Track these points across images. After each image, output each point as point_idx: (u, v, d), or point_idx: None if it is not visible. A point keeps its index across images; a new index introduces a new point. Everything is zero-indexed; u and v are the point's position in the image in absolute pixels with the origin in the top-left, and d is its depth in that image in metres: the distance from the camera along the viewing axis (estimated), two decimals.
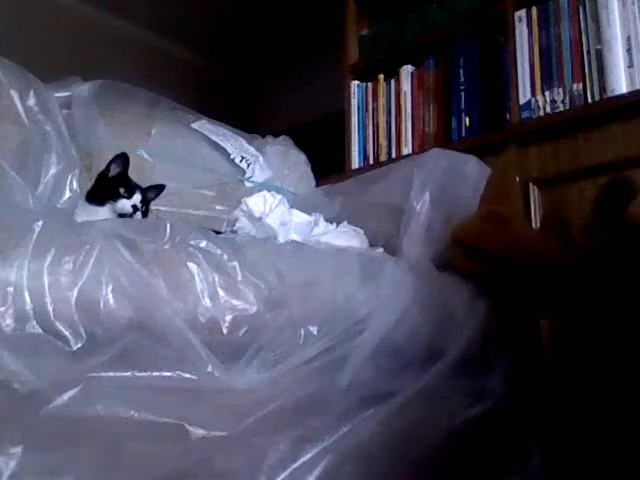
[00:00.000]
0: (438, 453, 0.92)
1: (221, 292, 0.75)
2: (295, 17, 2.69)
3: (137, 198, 1.14)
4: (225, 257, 0.78)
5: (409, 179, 1.18)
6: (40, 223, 0.67)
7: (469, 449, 0.97)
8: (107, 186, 1.13)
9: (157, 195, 1.23)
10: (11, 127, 0.98)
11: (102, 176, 1.15)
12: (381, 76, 1.95)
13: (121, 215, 1.11)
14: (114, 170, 1.15)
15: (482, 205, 1.04)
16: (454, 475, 0.95)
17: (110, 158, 1.16)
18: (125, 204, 1.12)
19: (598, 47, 1.47)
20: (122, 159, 1.15)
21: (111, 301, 0.67)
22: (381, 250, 1.20)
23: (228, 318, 0.74)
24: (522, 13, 1.62)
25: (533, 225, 1.35)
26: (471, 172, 1.14)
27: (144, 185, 1.19)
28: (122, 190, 1.12)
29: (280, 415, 0.74)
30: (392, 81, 1.93)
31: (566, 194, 1.37)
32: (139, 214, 1.14)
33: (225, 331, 0.74)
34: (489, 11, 1.70)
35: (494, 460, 0.98)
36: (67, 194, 1.00)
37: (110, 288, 0.67)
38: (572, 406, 0.97)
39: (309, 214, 1.36)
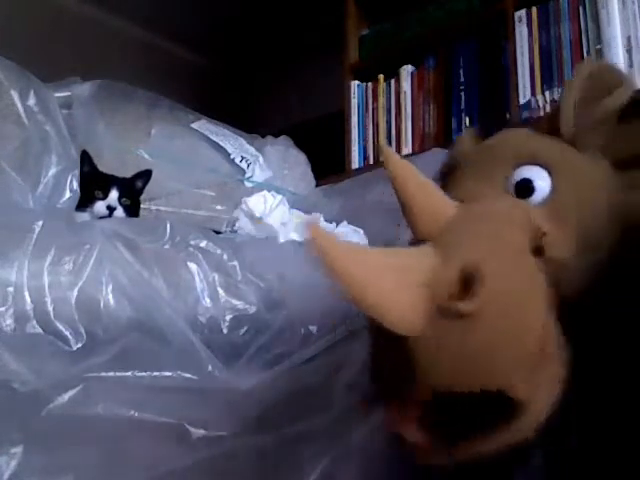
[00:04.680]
0: None
1: (221, 292, 0.75)
2: (295, 17, 2.69)
3: (113, 196, 1.08)
4: (225, 257, 0.78)
5: None
6: (40, 223, 0.67)
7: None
8: (86, 190, 1.08)
9: (145, 183, 1.17)
10: (11, 127, 0.98)
11: (81, 182, 1.09)
12: (381, 76, 1.94)
13: (102, 218, 1.05)
14: (86, 169, 1.10)
15: None
16: (454, 475, 0.95)
17: (110, 158, 1.15)
18: (100, 207, 1.06)
19: (598, 47, 1.47)
20: (84, 156, 1.10)
21: (111, 301, 0.67)
22: None
23: (228, 318, 0.75)
24: (522, 13, 1.62)
25: None
26: None
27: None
28: (97, 192, 1.07)
29: (280, 415, 0.74)
30: (392, 81, 1.92)
31: None
32: (119, 211, 1.08)
33: (225, 331, 0.74)
34: (489, 11, 1.70)
35: (495, 459, 0.98)
36: (67, 194, 1.00)
37: (110, 288, 0.67)
38: (572, 404, 0.97)
39: (309, 214, 1.36)
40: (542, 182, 0.49)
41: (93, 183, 1.09)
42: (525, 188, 0.49)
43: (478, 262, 0.40)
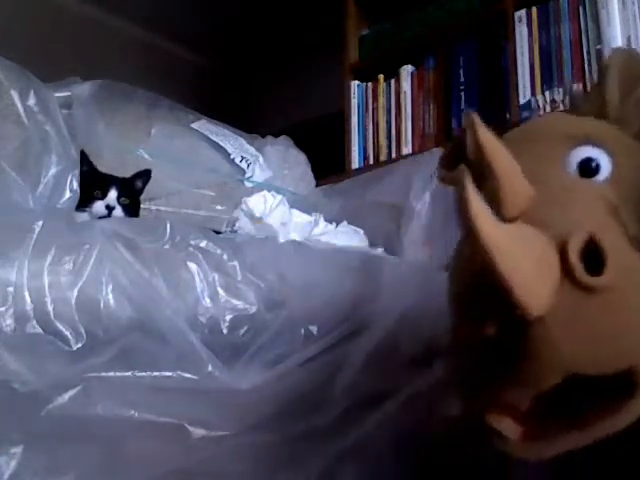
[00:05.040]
0: (439, 452, 0.92)
1: (221, 292, 0.75)
2: (295, 17, 2.69)
3: (112, 196, 1.08)
4: (225, 257, 0.78)
5: (409, 179, 1.18)
6: (40, 223, 0.67)
7: (470, 448, 0.97)
8: (86, 190, 1.07)
9: (145, 182, 1.17)
10: (11, 127, 0.98)
11: (81, 182, 1.08)
12: (381, 76, 1.94)
13: (101, 217, 1.05)
14: (85, 169, 1.09)
15: None
16: (454, 475, 0.95)
17: (110, 158, 1.15)
18: (99, 207, 1.06)
19: (598, 47, 1.47)
20: (82, 156, 1.10)
21: (111, 301, 0.67)
22: (381, 250, 1.20)
23: (228, 318, 0.75)
24: (522, 13, 1.62)
25: None
26: None
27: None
28: (96, 192, 1.07)
29: (280, 415, 0.74)
30: (392, 81, 1.92)
31: None
32: (118, 211, 1.08)
33: (225, 331, 0.74)
34: (489, 11, 1.70)
35: (495, 459, 0.98)
36: (67, 194, 1.00)
37: (110, 288, 0.67)
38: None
39: (309, 214, 1.36)
40: (604, 162, 0.49)
41: (92, 183, 1.09)
42: (589, 168, 0.48)
43: (598, 236, 0.39)
